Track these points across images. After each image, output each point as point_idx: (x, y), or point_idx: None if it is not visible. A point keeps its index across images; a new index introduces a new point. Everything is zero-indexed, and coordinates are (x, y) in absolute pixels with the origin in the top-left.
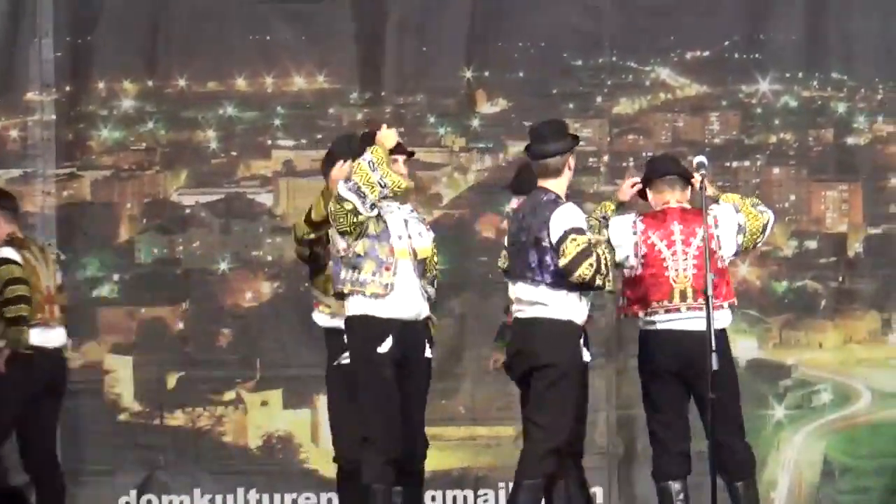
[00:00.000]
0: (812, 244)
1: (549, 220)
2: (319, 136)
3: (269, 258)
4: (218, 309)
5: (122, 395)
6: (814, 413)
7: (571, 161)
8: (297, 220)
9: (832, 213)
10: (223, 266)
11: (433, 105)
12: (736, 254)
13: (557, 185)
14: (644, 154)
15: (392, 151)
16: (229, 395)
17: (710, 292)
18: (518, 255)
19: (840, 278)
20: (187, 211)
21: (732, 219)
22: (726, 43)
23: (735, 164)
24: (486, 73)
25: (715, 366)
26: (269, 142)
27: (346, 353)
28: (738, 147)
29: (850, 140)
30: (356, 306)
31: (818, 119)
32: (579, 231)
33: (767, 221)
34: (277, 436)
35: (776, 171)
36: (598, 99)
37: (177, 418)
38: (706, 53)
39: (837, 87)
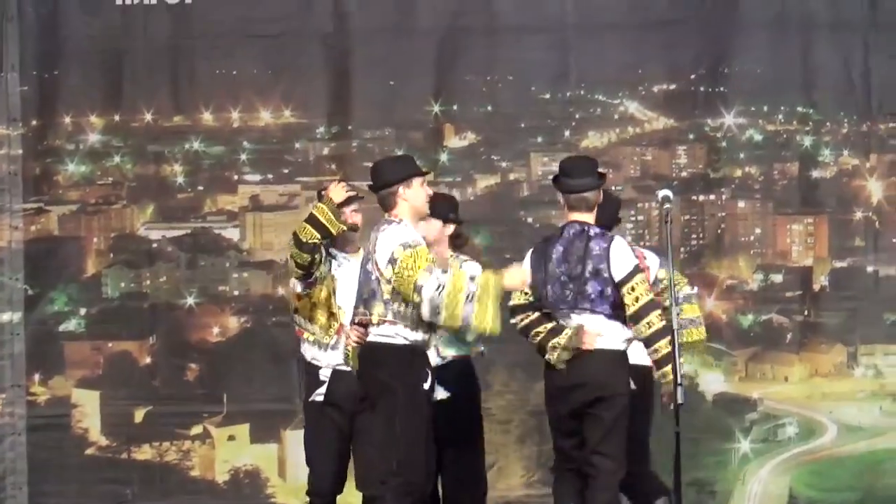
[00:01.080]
0: (778, 277)
1: (609, 253)
2: (286, 171)
3: (236, 293)
4: (185, 343)
5: (89, 429)
6: (779, 447)
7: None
8: (300, 226)
9: (798, 246)
10: (190, 301)
11: (401, 139)
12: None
13: (592, 218)
14: (613, 187)
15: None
16: (196, 430)
17: (675, 326)
18: (568, 286)
19: (806, 312)
20: (154, 245)
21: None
22: (692, 76)
23: (701, 197)
24: (454, 107)
25: (680, 399)
26: (236, 176)
27: (321, 390)
28: (704, 181)
29: (816, 173)
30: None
31: (783, 153)
32: (640, 271)
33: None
34: (245, 470)
35: (741, 204)
36: (567, 132)
37: (144, 452)
38: (672, 87)
39: (803, 120)
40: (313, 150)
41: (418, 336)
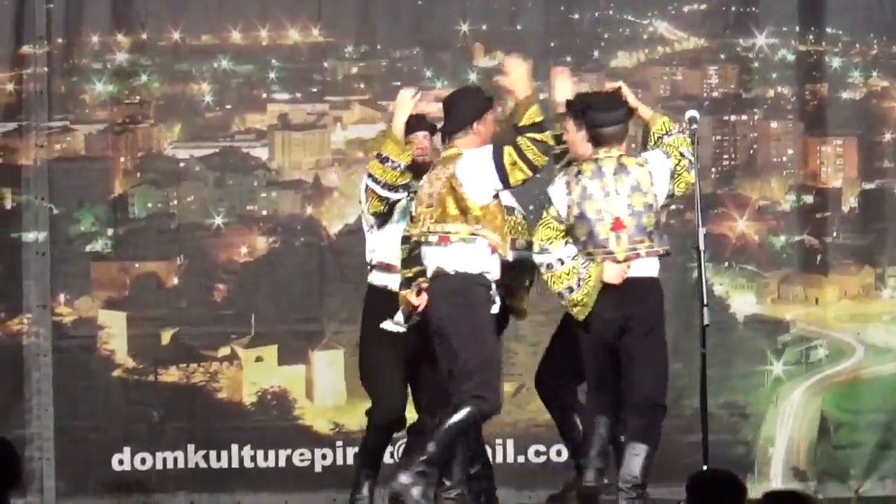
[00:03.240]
0: (809, 199)
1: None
2: (314, 90)
3: (265, 212)
4: (212, 264)
5: (115, 350)
6: (811, 368)
7: None
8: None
9: (827, 167)
10: (218, 221)
11: (429, 59)
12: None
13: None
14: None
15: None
16: (224, 351)
17: (702, 246)
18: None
19: (834, 233)
20: (181, 165)
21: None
22: None
23: (733, 117)
24: (483, 27)
25: (706, 321)
26: (264, 95)
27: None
28: (735, 101)
29: (845, 95)
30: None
31: (814, 73)
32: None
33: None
34: (272, 392)
35: (774, 125)
36: (596, 53)
37: (171, 374)
38: (703, 6)
39: (832, 41)
40: (342, 69)
41: None
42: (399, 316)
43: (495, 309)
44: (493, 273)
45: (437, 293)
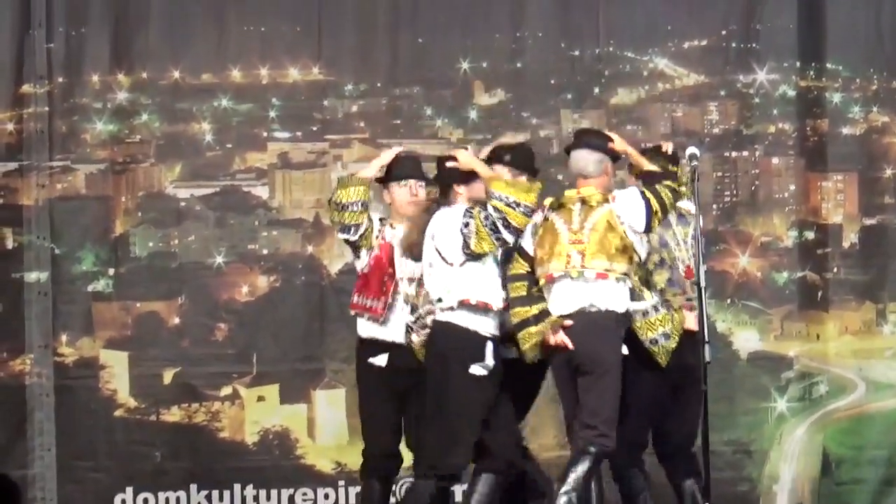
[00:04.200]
0: (810, 234)
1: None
2: (315, 129)
3: (265, 251)
4: (213, 303)
5: (117, 390)
6: (813, 405)
7: None
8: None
9: (828, 203)
10: (219, 260)
11: (430, 97)
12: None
13: None
14: (643, 145)
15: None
16: (225, 391)
17: (703, 283)
18: None
19: (835, 269)
20: (182, 204)
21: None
22: (723, 32)
23: (734, 154)
24: (484, 65)
25: (708, 357)
26: (265, 134)
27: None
28: (736, 137)
29: (846, 130)
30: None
31: (814, 109)
32: None
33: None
34: (274, 431)
35: (775, 161)
36: (596, 89)
37: (173, 414)
38: (703, 43)
39: (832, 77)
40: (342, 107)
41: None
42: (490, 359)
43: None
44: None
45: (590, 329)
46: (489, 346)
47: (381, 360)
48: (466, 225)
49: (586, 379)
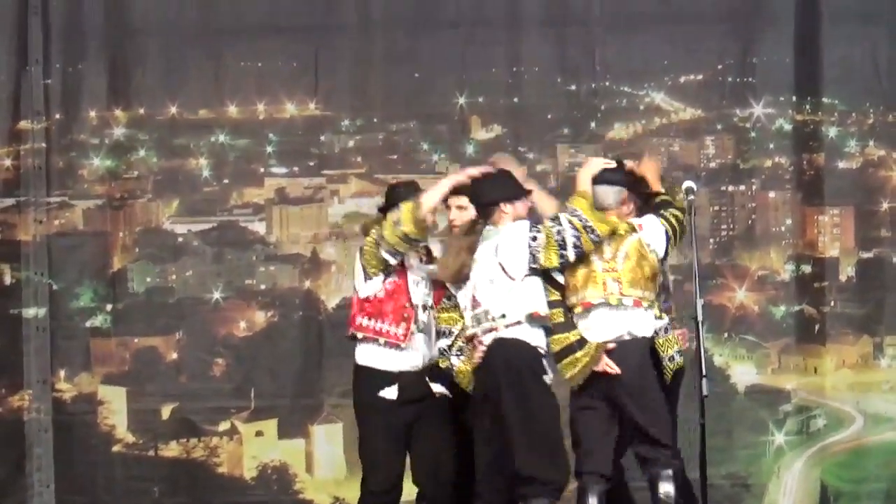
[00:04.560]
0: (807, 268)
1: None
2: (311, 164)
3: (263, 286)
4: (211, 338)
5: (115, 426)
6: (811, 438)
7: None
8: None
9: (824, 237)
10: (216, 295)
11: (426, 131)
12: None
13: None
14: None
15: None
16: (224, 426)
17: (700, 317)
18: None
19: (832, 303)
20: (180, 239)
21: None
22: (719, 66)
23: (731, 188)
24: (480, 99)
25: (705, 391)
26: (262, 169)
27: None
28: (733, 171)
29: (842, 164)
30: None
31: (811, 143)
32: None
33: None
34: (272, 466)
35: (771, 195)
36: (593, 124)
37: (171, 449)
38: (699, 77)
39: (829, 111)
40: (338, 142)
41: None
42: (551, 372)
43: None
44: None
45: (632, 356)
46: (546, 360)
47: (391, 392)
48: (534, 239)
49: (636, 401)
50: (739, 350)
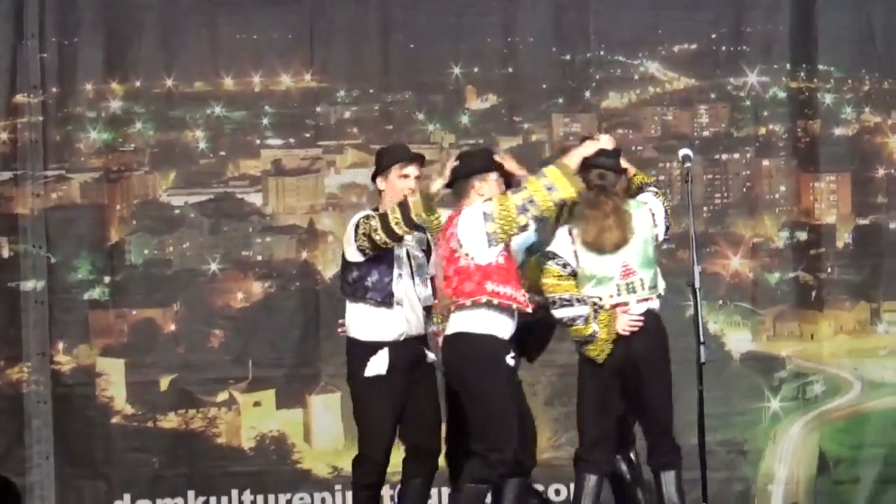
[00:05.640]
0: (803, 235)
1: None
2: (307, 135)
3: (260, 258)
4: (209, 310)
5: (114, 397)
6: (808, 404)
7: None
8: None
9: (820, 204)
10: (213, 267)
11: (422, 102)
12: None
13: None
14: (634, 148)
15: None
16: (222, 396)
17: (697, 285)
18: None
19: (829, 269)
20: (177, 212)
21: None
22: (713, 35)
23: (724, 156)
24: (475, 70)
25: (703, 358)
26: (258, 141)
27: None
28: (727, 139)
29: (838, 131)
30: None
31: (806, 110)
32: None
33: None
34: (271, 436)
35: (766, 162)
36: (587, 93)
37: (170, 420)
38: (694, 46)
39: (824, 78)
40: (334, 113)
41: None
42: None
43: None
44: None
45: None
46: None
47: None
48: None
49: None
50: (734, 317)
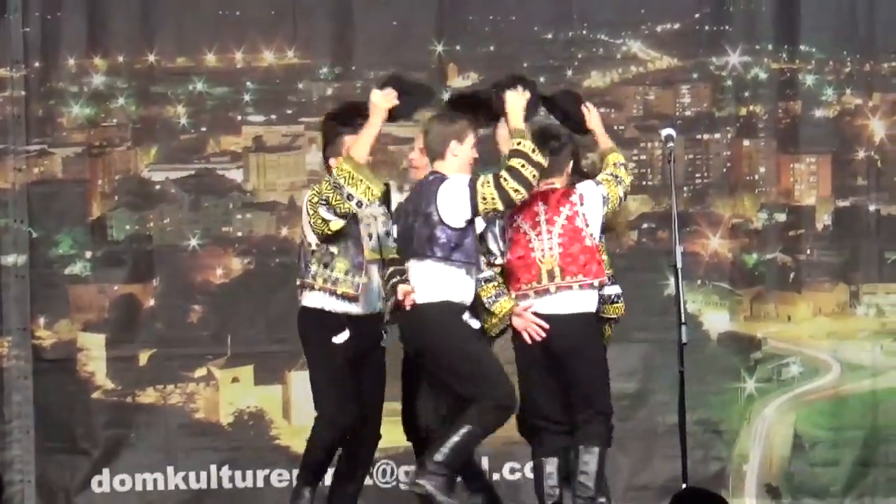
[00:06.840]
0: (781, 216)
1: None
2: (289, 112)
3: (240, 234)
4: (188, 286)
5: (94, 373)
6: (784, 386)
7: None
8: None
9: (800, 185)
10: (194, 242)
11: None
12: (604, 229)
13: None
14: (615, 127)
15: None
16: (200, 372)
17: (679, 265)
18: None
19: (808, 251)
20: (157, 187)
21: (596, 193)
22: (696, 15)
23: (706, 136)
24: (458, 47)
25: (685, 339)
26: (239, 117)
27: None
28: (708, 119)
29: (819, 113)
30: (317, 300)
31: (787, 91)
32: None
33: (624, 194)
34: (249, 412)
35: (746, 143)
36: (569, 72)
37: (149, 395)
38: (676, 26)
39: (805, 59)
40: (316, 90)
41: None
42: None
43: None
44: None
45: None
46: None
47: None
48: None
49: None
50: (712, 297)
